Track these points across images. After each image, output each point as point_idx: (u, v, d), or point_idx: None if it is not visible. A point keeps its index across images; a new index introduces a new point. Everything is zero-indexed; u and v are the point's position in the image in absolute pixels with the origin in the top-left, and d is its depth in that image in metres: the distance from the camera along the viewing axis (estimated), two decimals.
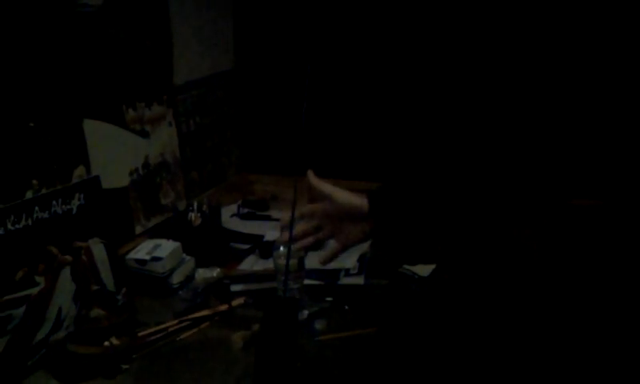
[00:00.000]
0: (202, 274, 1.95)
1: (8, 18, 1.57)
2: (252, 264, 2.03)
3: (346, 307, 1.73)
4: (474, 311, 1.69)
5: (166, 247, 1.91)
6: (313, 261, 1.88)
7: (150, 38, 2.03)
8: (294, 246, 1.47)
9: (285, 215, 1.42)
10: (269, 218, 2.35)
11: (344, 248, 1.49)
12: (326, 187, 1.43)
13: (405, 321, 1.70)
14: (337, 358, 1.53)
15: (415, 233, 1.50)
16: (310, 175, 1.45)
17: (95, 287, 1.72)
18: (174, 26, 2.14)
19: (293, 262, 1.65)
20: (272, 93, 2.48)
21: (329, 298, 1.78)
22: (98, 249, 1.74)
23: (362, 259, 1.91)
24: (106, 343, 1.56)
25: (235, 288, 1.85)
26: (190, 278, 1.92)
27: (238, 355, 1.55)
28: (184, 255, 1.95)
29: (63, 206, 1.69)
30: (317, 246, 2.03)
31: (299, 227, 1.45)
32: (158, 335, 1.63)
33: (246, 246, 2.14)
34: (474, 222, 1.40)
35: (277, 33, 2.41)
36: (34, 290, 1.57)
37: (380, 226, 1.41)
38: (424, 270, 1.89)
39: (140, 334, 1.62)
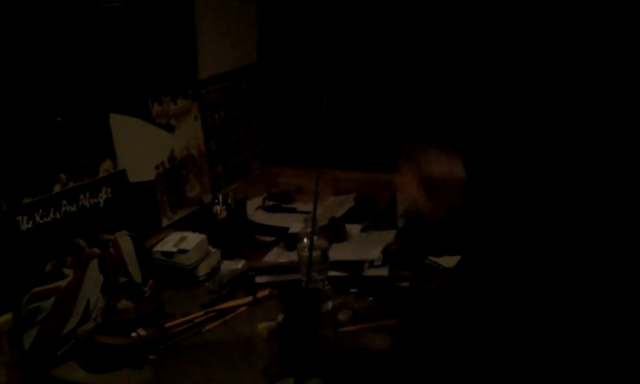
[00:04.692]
0: (228, 265, 1.96)
1: (36, 15, 1.59)
2: (277, 256, 2.04)
3: (371, 298, 1.74)
4: (494, 306, 1.69)
5: (192, 240, 1.93)
6: (337, 252, 1.89)
7: (173, 29, 2.05)
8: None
9: None
10: (294, 210, 2.35)
11: None
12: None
13: (428, 312, 1.70)
14: (361, 348, 1.54)
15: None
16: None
17: (123, 279, 1.75)
18: (198, 21, 2.15)
19: (316, 253, 1.65)
20: (296, 85, 2.48)
21: (353, 290, 1.78)
22: (125, 241, 1.77)
23: (386, 251, 1.91)
24: (133, 334, 1.58)
25: (260, 280, 1.86)
26: (215, 269, 1.94)
27: (263, 346, 1.56)
28: (210, 247, 1.97)
29: (91, 200, 1.71)
30: (340, 237, 2.05)
31: None
32: (185, 326, 1.65)
33: (271, 238, 2.15)
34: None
35: (301, 25, 2.41)
36: (63, 282, 1.60)
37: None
38: (449, 261, 1.89)
39: (166, 325, 1.64)
